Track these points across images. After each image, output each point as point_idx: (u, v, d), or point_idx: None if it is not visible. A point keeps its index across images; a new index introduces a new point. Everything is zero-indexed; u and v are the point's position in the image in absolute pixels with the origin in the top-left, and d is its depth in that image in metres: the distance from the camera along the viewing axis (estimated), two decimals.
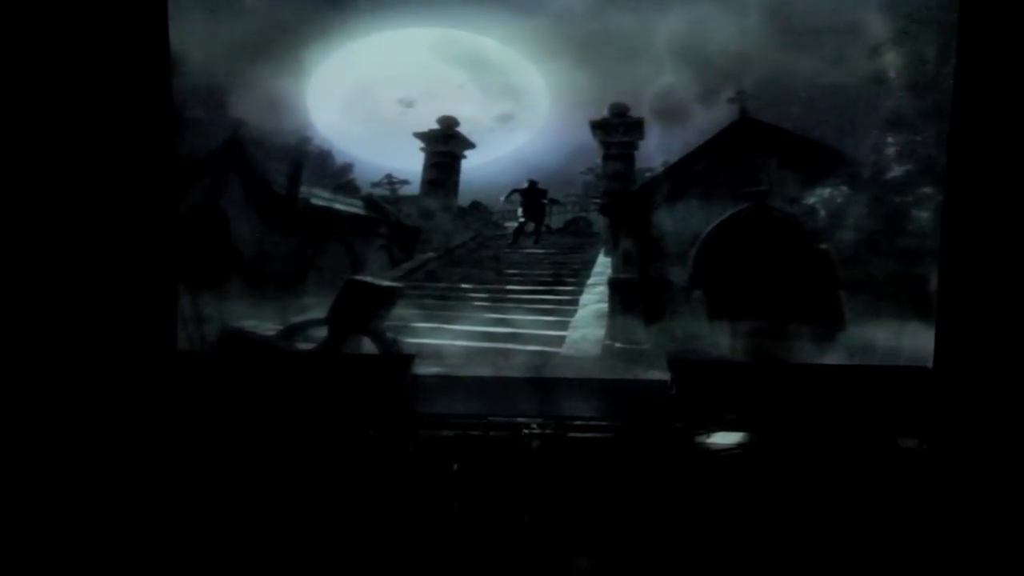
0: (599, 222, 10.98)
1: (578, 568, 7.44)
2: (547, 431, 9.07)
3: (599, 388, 10.31)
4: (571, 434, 9.15)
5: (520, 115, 10.71)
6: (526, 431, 9.08)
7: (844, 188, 10.34)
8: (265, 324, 10.69)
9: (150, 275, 9.92)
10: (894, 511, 7.78)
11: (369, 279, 10.87)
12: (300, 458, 8.62)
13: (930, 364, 9.66)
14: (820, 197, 10.43)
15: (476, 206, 11.12)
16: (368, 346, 10.72)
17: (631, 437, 9.19)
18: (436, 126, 10.70)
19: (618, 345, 10.60)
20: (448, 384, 10.35)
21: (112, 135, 9.57)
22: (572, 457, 8.84)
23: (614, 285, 10.74)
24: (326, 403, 9.30)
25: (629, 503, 8.34)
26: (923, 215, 10.03)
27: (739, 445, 8.96)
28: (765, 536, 7.69)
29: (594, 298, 10.86)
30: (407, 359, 10.05)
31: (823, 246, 10.40)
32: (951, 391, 8.94)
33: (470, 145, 10.76)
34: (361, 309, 10.77)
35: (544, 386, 10.27)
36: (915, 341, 9.89)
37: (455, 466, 8.61)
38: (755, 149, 10.46)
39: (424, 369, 10.27)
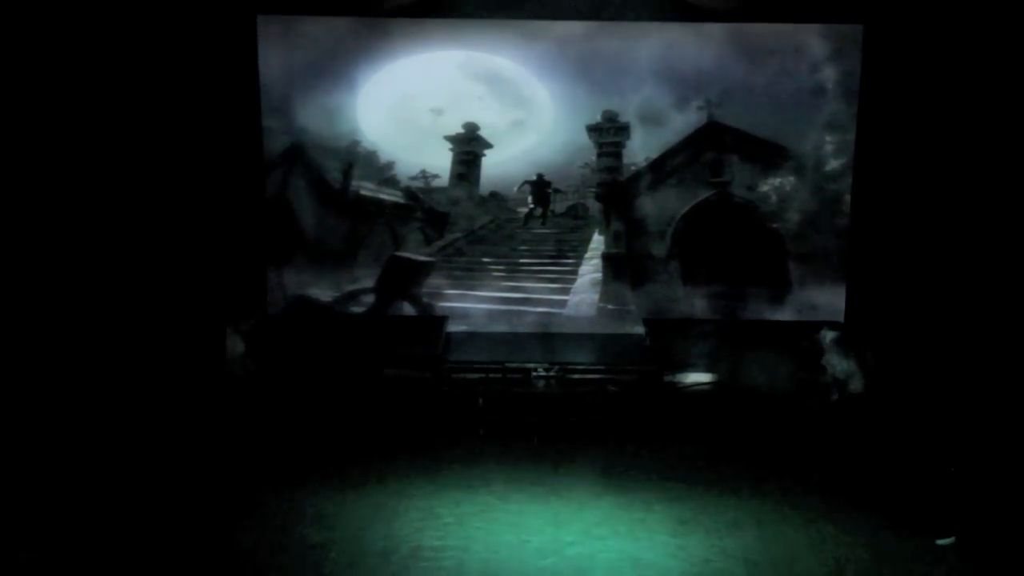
0: (594, 207, 12.06)
1: (573, 475, 8.86)
2: (552, 374, 10.60)
3: (592, 341, 11.67)
4: (570, 376, 10.65)
5: (529, 121, 11.85)
6: (535, 374, 10.60)
7: (791, 178, 11.79)
8: (324, 291, 12.00)
9: (247, 254, 11.44)
10: (815, 428, 9.46)
11: (408, 255, 12.06)
12: (361, 395, 10.27)
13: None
14: (772, 186, 11.84)
15: (494, 195, 12.09)
16: (408, 309, 12.04)
17: (616, 377, 10.66)
18: (461, 130, 11.86)
19: (610, 307, 11.97)
20: (474, 338, 11.69)
21: (220, 144, 11.11)
22: (571, 393, 10.40)
23: (606, 258, 12.03)
24: (382, 353, 10.82)
25: (614, 427, 9.97)
26: None
27: (698, 382, 10.68)
28: (718, 449, 9.39)
29: (590, 269, 12.04)
30: (442, 320, 11.57)
31: (775, 225, 11.88)
32: (858, 340, 10.31)
33: (489, 145, 11.90)
34: (402, 279, 12.02)
35: (549, 340, 11.60)
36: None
37: (480, 401, 10.14)
38: (719, 147, 11.82)
39: (455, 327, 11.76)
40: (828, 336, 9.25)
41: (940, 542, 7.33)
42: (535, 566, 6.93)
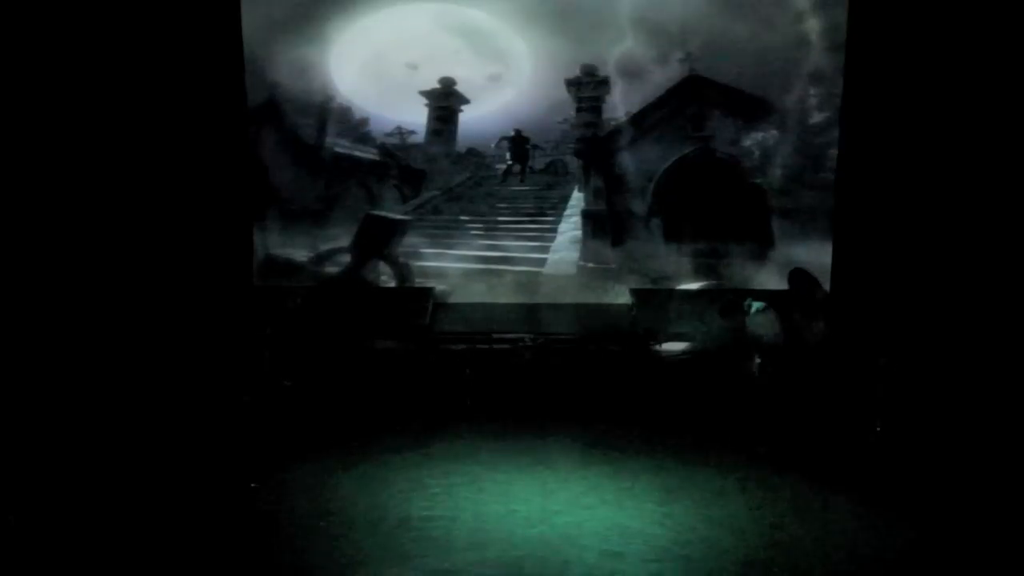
0: (573, 163, 11.98)
1: (560, 445, 8.90)
2: (538, 344, 10.64)
3: (577, 310, 11.58)
4: (556, 346, 10.67)
5: (507, 75, 11.74)
6: (521, 344, 10.64)
7: (774, 132, 11.70)
8: (299, 251, 11.89)
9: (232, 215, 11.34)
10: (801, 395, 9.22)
11: (384, 213, 11.97)
12: (347, 366, 10.22)
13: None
14: (755, 140, 11.76)
15: (471, 152, 12.05)
16: (384, 268, 11.93)
17: (602, 346, 10.67)
18: (437, 85, 11.73)
19: (590, 265, 11.89)
20: (461, 309, 11.56)
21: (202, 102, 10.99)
22: (557, 363, 10.45)
23: (586, 215, 11.95)
24: (367, 324, 10.80)
25: (601, 396, 10.02)
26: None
27: (682, 352, 10.54)
28: (704, 418, 9.39)
29: (570, 226, 11.99)
30: (428, 291, 11.42)
31: (757, 180, 11.79)
32: (841, 306, 10.36)
33: (466, 101, 11.78)
34: (378, 238, 11.91)
35: (535, 309, 11.52)
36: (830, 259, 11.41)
37: (467, 371, 10.18)
38: (701, 101, 11.71)
39: (422, 279, 11.71)
40: (754, 306, 9.09)
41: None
42: (523, 535, 6.91)
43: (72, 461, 8.05)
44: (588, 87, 11.74)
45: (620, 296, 11.62)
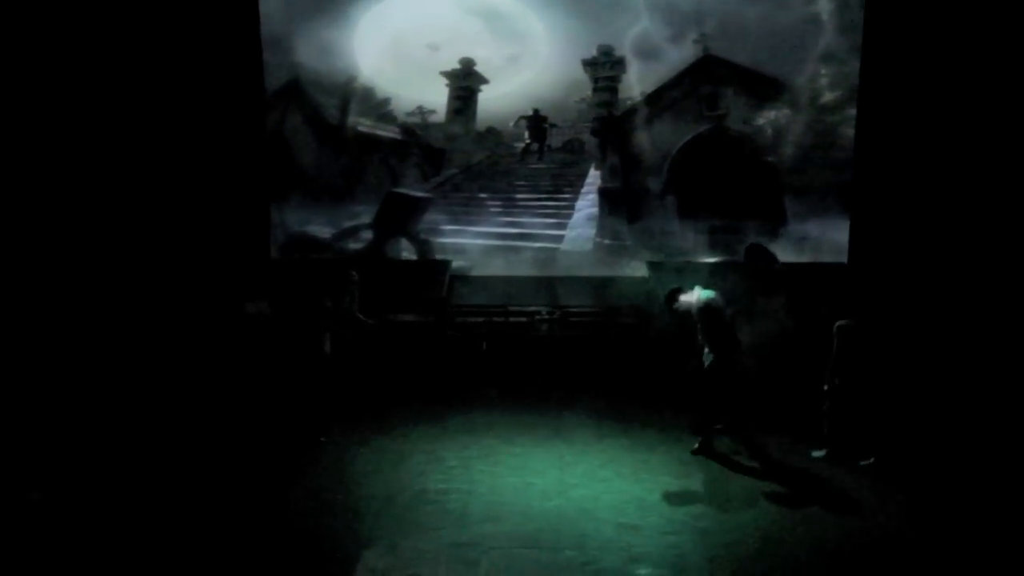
0: (590, 142, 12.10)
1: (577, 418, 9.05)
2: (554, 317, 10.82)
3: (592, 283, 11.64)
4: (571, 319, 10.85)
5: (525, 56, 11.85)
6: (537, 317, 10.83)
7: (787, 111, 11.75)
8: (322, 228, 12.07)
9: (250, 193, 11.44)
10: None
11: (406, 190, 12.14)
12: (365, 339, 10.06)
13: (846, 260, 11.32)
14: (768, 119, 11.82)
15: (491, 131, 12.17)
16: (406, 245, 12.11)
17: (619, 316, 10.81)
18: (458, 66, 11.89)
19: (606, 241, 12.03)
20: (478, 282, 11.71)
21: (221, 81, 11.09)
22: (572, 335, 10.63)
23: (603, 193, 12.08)
24: (386, 297, 10.75)
25: (616, 368, 10.13)
26: (849, 132, 11.55)
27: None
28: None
29: (587, 204, 12.12)
30: (446, 264, 11.59)
31: (770, 158, 11.87)
32: (860, 280, 10.50)
33: (485, 81, 11.93)
34: (400, 215, 12.10)
35: (551, 283, 11.60)
36: (842, 235, 11.57)
37: (484, 344, 10.40)
38: (715, 80, 11.81)
39: (456, 265, 11.75)
40: (703, 294, 9.07)
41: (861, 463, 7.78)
42: (540, 508, 7.04)
43: (80, 449, 8.24)
44: (604, 67, 11.84)
45: (637, 271, 11.72)
